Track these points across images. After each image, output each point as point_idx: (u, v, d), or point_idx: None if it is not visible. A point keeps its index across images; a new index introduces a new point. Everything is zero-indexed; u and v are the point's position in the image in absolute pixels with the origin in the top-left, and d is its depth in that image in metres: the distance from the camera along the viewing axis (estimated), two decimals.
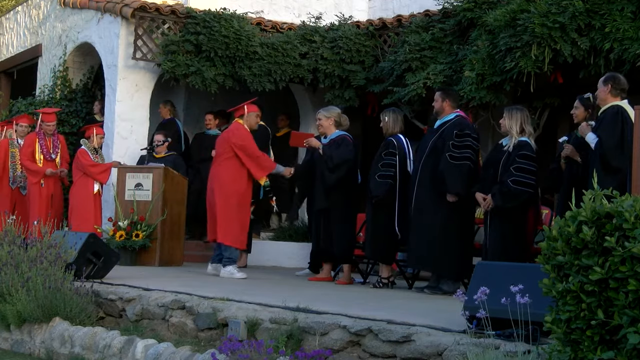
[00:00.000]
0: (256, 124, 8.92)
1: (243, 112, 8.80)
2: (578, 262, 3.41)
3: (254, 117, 8.86)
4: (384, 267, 8.13)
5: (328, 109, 8.79)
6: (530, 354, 3.88)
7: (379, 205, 8.01)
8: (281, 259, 11.16)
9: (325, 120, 8.61)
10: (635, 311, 3.22)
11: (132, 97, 11.10)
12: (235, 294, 6.24)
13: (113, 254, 7.86)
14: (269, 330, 5.37)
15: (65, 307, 6.56)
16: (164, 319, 6.31)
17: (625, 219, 3.29)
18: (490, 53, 8.90)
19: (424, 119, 10.63)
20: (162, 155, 10.62)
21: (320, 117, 8.69)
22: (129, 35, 10.94)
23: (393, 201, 7.99)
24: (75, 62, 12.89)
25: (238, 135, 8.67)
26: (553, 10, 8.14)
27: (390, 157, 8.02)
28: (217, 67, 10.81)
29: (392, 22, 11.09)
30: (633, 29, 7.73)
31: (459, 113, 7.79)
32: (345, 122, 8.72)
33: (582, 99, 7.01)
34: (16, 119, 11.02)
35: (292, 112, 12.69)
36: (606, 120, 6.49)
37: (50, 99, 12.70)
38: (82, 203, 10.05)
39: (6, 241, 7.16)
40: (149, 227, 9.73)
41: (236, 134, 8.69)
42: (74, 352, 6.25)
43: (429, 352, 4.43)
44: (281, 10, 13.06)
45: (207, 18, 10.79)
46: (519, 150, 7.07)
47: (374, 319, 5.02)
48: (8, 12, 16.16)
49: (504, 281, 4.18)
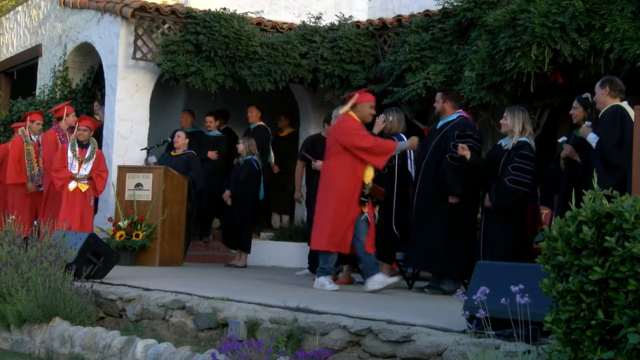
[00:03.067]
0: (370, 115, 7.72)
1: (355, 101, 7.64)
2: (578, 262, 3.41)
3: (368, 107, 7.66)
4: (384, 267, 8.12)
5: (339, 109, 8.15)
6: (530, 354, 3.88)
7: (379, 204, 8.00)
8: (281, 259, 11.17)
9: (335, 120, 8.32)
10: (635, 311, 3.22)
11: (132, 97, 11.10)
12: (235, 294, 6.24)
13: (113, 254, 7.85)
14: (269, 330, 5.37)
15: (65, 307, 6.55)
16: (164, 319, 6.31)
17: (625, 219, 3.29)
18: (490, 53, 8.90)
19: (424, 119, 10.63)
20: (179, 152, 10.63)
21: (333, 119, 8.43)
22: (129, 35, 10.94)
23: (391, 201, 7.99)
24: (75, 62, 12.90)
25: (344, 129, 7.55)
26: (553, 10, 8.14)
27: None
28: (217, 67, 10.81)
29: (392, 22, 11.10)
30: (633, 29, 7.74)
31: (461, 114, 7.81)
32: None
33: (581, 99, 7.05)
34: (30, 116, 10.80)
35: (293, 112, 12.70)
36: (605, 119, 6.53)
37: (50, 99, 12.70)
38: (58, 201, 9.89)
39: (6, 241, 7.16)
40: (149, 227, 9.73)
41: (342, 127, 7.59)
42: (74, 352, 6.24)
43: (429, 352, 4.43)
44: (281, 10, 13.07)
45: (207, 18, 10.79)
46: (519, 149, 7.15)
47: (374, 319, 5.01)
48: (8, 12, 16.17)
49: (504, 281, 4.18)
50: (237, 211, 10.41)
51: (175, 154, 10.64)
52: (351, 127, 7.51)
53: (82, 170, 9.71)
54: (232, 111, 12.59)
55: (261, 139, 11.19)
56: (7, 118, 13.19)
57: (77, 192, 9.68)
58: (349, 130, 7.50)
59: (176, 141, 10.63)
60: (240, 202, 10.41)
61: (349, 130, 7.49)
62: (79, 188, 9.67)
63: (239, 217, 10.37)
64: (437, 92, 8.11)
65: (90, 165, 9.75)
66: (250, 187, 10.40)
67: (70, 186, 9.65)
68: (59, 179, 9.69)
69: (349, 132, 7.49)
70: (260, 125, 11.59)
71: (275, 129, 12.37)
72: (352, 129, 7.49)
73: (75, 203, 9.66)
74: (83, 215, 9.70)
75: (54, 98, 12.63)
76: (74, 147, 9.78)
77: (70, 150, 9.75)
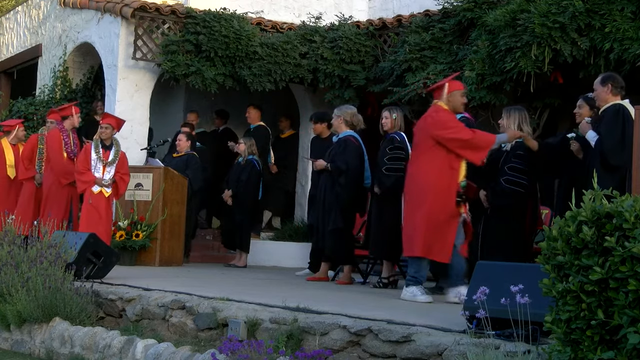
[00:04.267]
0: (462, 105, 7.10)
1: (443, 91, 6.97)
2: (578, 262, 3.41)
3: (459, 96, 7.03)
4: (386, 267, 8.12)
5: (341, 108, 8.73)
6: (530, 354, 3.88)
7: (385, 202, 7.99)
8: (281, 259, 11.17)
9: (335, 119, 8.60)
10: (635, 311, 3.22)
11: (132, 97, 11.10)
12: (235, 294, 6.24)
13: (113, 254, 7.85)
14: (269, 330, 5.37)
15: (65, 307, 6.56)
16: (164, 319, 6.31)
17: (625, 219, 3.29)
18: (490, 53, 8.90)
19: None
20: (181, 154, 10.64)
21: (332, 116, 8.68)
22: (129, 35, 10.94)
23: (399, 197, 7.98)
24: (75, 62, 12.90)
25: (437, 122, 6.83)
26: (553, 10, 8.14)
27: (398, 151, 8.02)
28: (217, 67, 10.81)
29: (392, 22, 11.09)
30: (633, 29, 7.74)
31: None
32: (358, 122, 8.61)
33: (587, 98, 6.98)
34: (47, 115, 10.58)
35: (293, 112, 12.70)
36: (607, 118, 6.47)
37: (50, 99, 12.71)
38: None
39: (6, 241, 7.16)
40: (149, 227, 9.74)
41: (434, 120, 6.88)
42: (74, 352, 6.25)
43: (429, 352, 4.43)
44: (281, 10, 13.08)
45: (207, 18, 10.79)
46: (516, 150, 7.18)
47: (374, 319, 5.01)
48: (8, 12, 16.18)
49: (504, 281, 4.18)
50: (236, 211, 10.41)
51: (177, 155, 10.66)
52: (446, 119, 6.83)
53: (105, 174, 9.24)
54: (232, 111, 12.59)
55: (261, 139, 11.20)
56: (7, 118, 13.18)
57: (101, 197, 9.24)
58: (443, 122, 6.79)
59: (178, 144, 10.65)
60: (241, 202, 10.41)
61: (444, 123, 6.79)
62: (102, 192, 9.24)
63: (239, 217, 10.37)
64: None
65: (113, 169, 9.29)
66: (251, 188, 10.40)
67: (94, 189, 9.20)
68: (83, 182, 9.25)
69: (444, 124, 6.78)
70: (260, 125, 11.59)
71: (275, 130, 12.38)
72: (448, 121, 6.81)
73: (99, 209, 9.18)
74: (106, 222, 9.28)
75: (54, 98, 12.64)
76: (98, 148, 9.30)
77: (94, 152, 9.28)
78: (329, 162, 8.41)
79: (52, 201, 9.95)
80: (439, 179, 6.68)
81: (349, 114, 8.58)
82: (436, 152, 6.73)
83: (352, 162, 8.36)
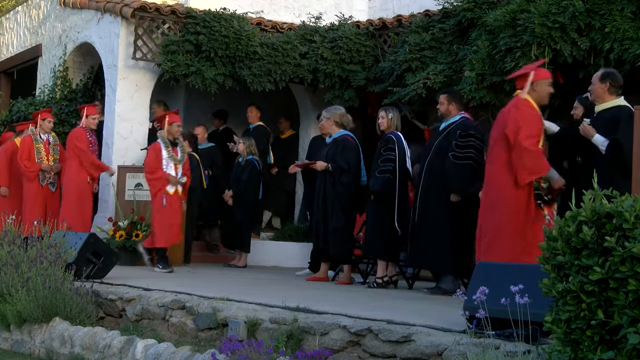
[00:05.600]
0: (548, 95, 6.38)
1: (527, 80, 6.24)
2: (578, 262, 3.41)
3: (546, 85, 6.31)
4: (380, 266, 8.11)
5: (329, 110, 8.79)
6: (530, 354, 3.88)
7: (379, 202, 8.00)
8: (281, 259, 11.17)
9: (325, 121, 8.64)
10: (635, 311, 3.22)
11: (132, 97, 11.10)
12: (235, 294, 6.24)
13: (113, 254, 7.86)
14: (269, 330, 5.37)
15: (65, 307, 6.56)
16: (164, 319, 6.31)
17: (625, 219, 3.29)
18: (490, 53, 8.90)
19: (424, 119, 10.63)
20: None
21: (321, 118, 8.72)
22: (129, 35, 10.94)
23: (393, 197, 7.99)
24: (75, 62, 12.89)
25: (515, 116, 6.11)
26: (553, 10, 8.14)
27: (389, 152, 8.03)
28: (217, 67, 10.81)
29: (392, 22, 11.09)
30: (633, 29, 7.74)
31: (463, 114, 7.84)
32: (348, 122, 8.69)
33: (582, 98, 7.02)
34: (41, 114, 10.64)
35: (293, 112, 12.70)
36: (623, 123, 6.22)
37: (50, 99, 12.70)
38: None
39: (6, 241, 7.16)
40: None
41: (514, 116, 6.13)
42: (74, 352, 6.25)
43: (429, 352, 4.43)
44: (281, 10, 13.08)
45: (207, 18, 10.79)
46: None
47: (374, 319, 5.02)
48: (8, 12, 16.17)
49: (504, 281, 4.18)
50: (237, 211, 10.41)
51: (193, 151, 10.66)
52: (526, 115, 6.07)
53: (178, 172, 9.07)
54: (232, 111, 12.59)
55: (260, 139, 11.19)
56: (7, 118, 13.18)
57: (177, 196, 9.08)
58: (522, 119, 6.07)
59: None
60: (241, 202, 10.41)
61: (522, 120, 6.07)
62: (177, 192, 9.05)
63: (239, 217, 10.36)
64: (440, 94, 8.12)
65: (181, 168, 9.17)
66: (252, 187, 10.40)
67: (169, 189, 9.02)
68: (156, 180, 9.00)
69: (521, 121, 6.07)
70: (259, 125, 11.59)
71: (276, 130, 12.38)
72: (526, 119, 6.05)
73: (176, 209, 9.07)
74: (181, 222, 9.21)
75: (54, 98, 12.63)
76: (168, 146, 9.12)
77: (165, 150, 9.09)
78: (330, 162, 8.40)
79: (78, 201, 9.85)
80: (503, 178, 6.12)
81: (339, 115, 8.63)
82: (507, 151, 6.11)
83: (353, 160, 8.39)
